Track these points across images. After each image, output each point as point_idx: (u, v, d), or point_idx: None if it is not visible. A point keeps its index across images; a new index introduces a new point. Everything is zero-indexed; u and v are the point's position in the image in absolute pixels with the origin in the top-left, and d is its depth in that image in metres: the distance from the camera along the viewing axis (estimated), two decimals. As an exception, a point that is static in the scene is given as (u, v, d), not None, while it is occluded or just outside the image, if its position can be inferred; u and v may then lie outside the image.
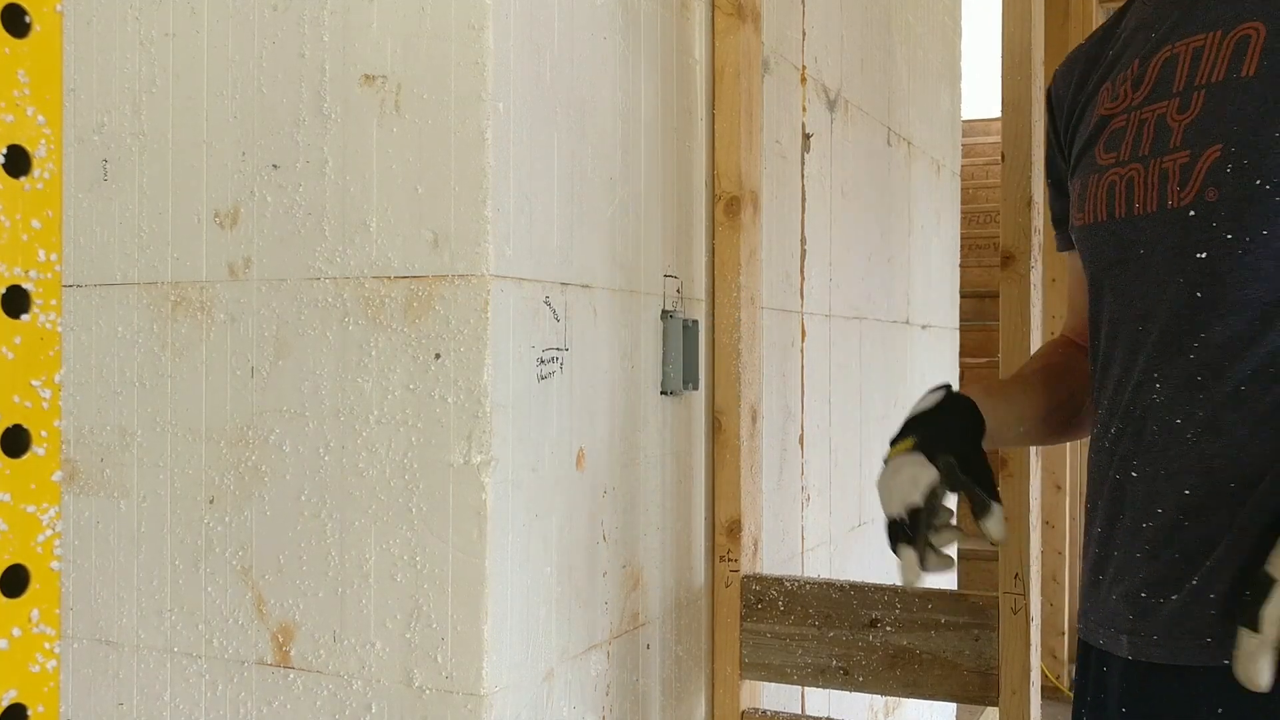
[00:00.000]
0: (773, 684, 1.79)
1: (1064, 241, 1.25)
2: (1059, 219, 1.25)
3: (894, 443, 1.18)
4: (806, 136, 2.14)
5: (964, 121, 3.28)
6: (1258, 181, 0.96)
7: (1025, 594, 1.57)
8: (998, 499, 1.09)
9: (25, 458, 0.47)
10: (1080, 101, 1.16)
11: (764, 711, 1.72)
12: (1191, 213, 0.99)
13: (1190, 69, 1.04)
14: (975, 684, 1.57)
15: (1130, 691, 1.03)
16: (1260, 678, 0.86)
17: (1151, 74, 1.07)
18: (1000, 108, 1.64)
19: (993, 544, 1.12)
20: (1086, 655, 1.09)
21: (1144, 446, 1.03)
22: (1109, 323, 1.09)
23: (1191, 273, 0.99)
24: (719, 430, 1.72)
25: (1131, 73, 1.09)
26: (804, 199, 2.13)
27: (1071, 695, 4.71)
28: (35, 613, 0.48)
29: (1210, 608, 0.95)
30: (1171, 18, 1.08)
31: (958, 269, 3.24)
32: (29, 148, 0.47)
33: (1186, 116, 1.02)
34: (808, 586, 1.66)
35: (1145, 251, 1.03)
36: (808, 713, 2.09)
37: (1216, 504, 0.96)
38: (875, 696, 2.44)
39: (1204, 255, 0.98)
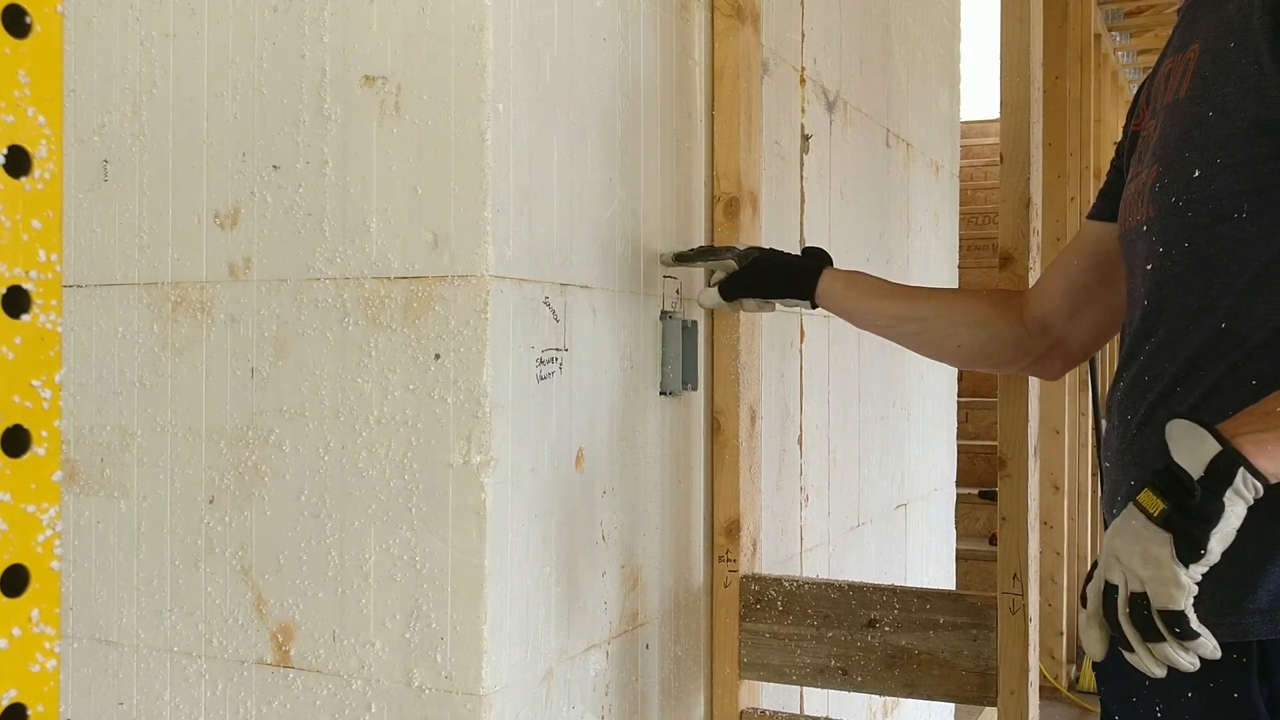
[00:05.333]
0: (771, 684, 1.79)
1: (1091, 211, 1.35)
2: (1101, 190, 1.35)
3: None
4: (805, 137, 2.14)
5: (963, 123, 3.28)
6: (1173, 199, 1.05)
7: (1024, 594, 1.57)
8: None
9: (25, 458, 0.47)
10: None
11: (762, 711, 1.73)
12: (1144, 228, 1.10)
13: (1163, 89, 1.13)
14: (973, 684, 1.57)
15: (1105, 658, 1.12)
16: (1092, 647, 0.93)
17: (1154, 91, 1.17)
18: (999, 109, 1.64)
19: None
20: None
21: (1111, 439, 1.14)
22: (1123, 326, 1.20)
23: (1146, 284, 1.09)
24: (718, 431, 1.72)
25: (1148, 88, 1.20)
26: (803, 200, 2.13)
27: (1070, 695, 4.68)
28: (35, 612, 0.48)
29: None
30: (1173, 37, 1.17)
31: (956, 270, 3.24)
32: (29, 148, 0.47)
33: (1153, 135, 1.12)
34: (806, 587, 1.66)
35: (1136, 263, 1.13)
36: (806, 713, 2.09)
37: None
38: (874, 696, 2.44)
39: (1150, 268, 1.08)
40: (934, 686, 1.59)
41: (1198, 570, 0.87)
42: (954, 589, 2.60)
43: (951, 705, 3.10)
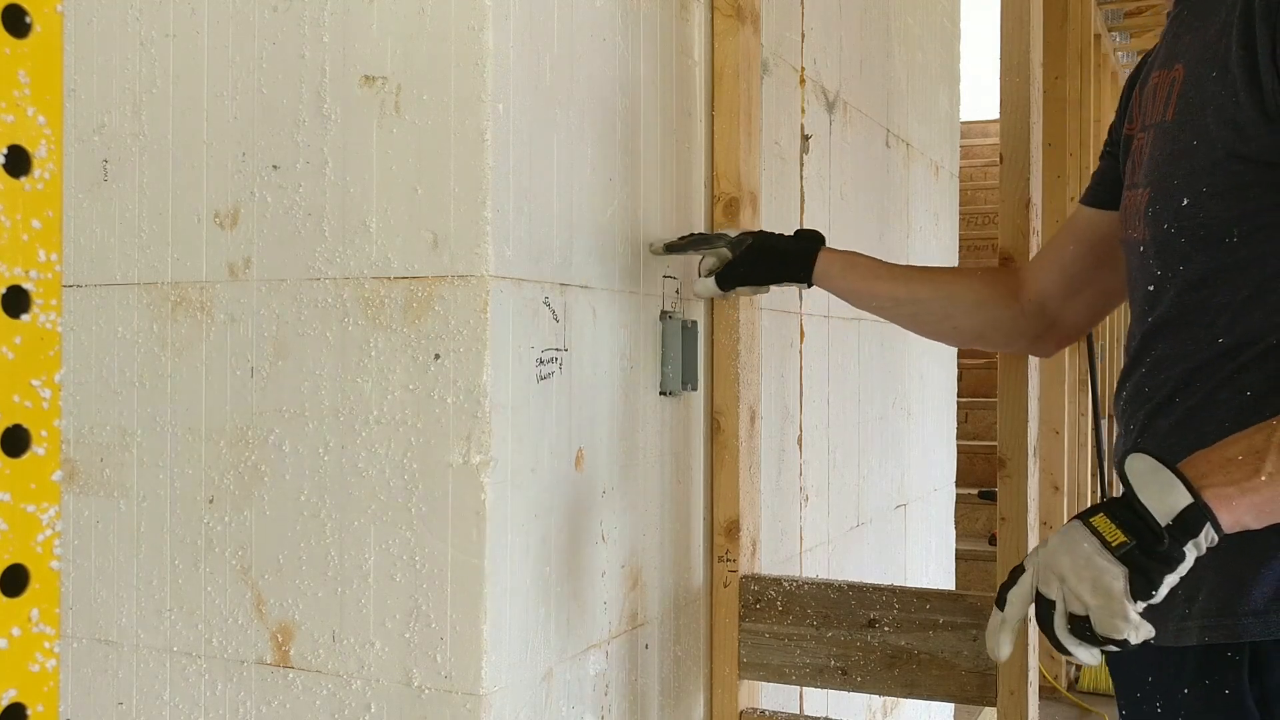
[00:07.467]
0: (771, 684, 1.79)
1: (1085, 195, 1.36)
2: (1096, 175, 1.36)
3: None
4: (805, 138, 2.14)
5: (963, 123, 3.28)
6: (1164, 225, 1.07)
7: (1023, 595, 1.57)
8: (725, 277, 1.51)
9: (25, 458, 0.47)
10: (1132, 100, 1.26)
11: (762, 711, 1.73)
12: (1141, 248, 1.12)
13: (1151, 104, 1.14)
14: (973, 684, 1.57)
15: (1109, 657, 1.16)
16: (999, 650, 0.97)
17: (1143, 101, 1.17)
18: (999, 109, 1.64)
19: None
20: None
21: (1118, 444, 1.17)
22: (1130, 326, 1.22)
23: (1147, 300, 1.12)
24: (718, 431, 1.72)
25: (1139, 94, 1.20)
26: (803, 200, 2.13)
27: (1070, 695, 4.68)
28: (35, 612, 0.48)
29: None
30: (1161, 43, 1.17)
31: (957, 270, 3.24)
32: (29, 148, 0.47)
33: (1144, 153, 1.13)
34: (806, 587, 1.66)
35: (1137, 277, 1.16)
36: (806, 713, 2.09)
37: None
38: (873, 696, 2.44)
39: (1152, 289, 1.11)
40: (934, 686, 1.59)
41: (1141, 607, 0.90)
42: (954, 589, 2.60)
43: (951, 705, 3.10)
